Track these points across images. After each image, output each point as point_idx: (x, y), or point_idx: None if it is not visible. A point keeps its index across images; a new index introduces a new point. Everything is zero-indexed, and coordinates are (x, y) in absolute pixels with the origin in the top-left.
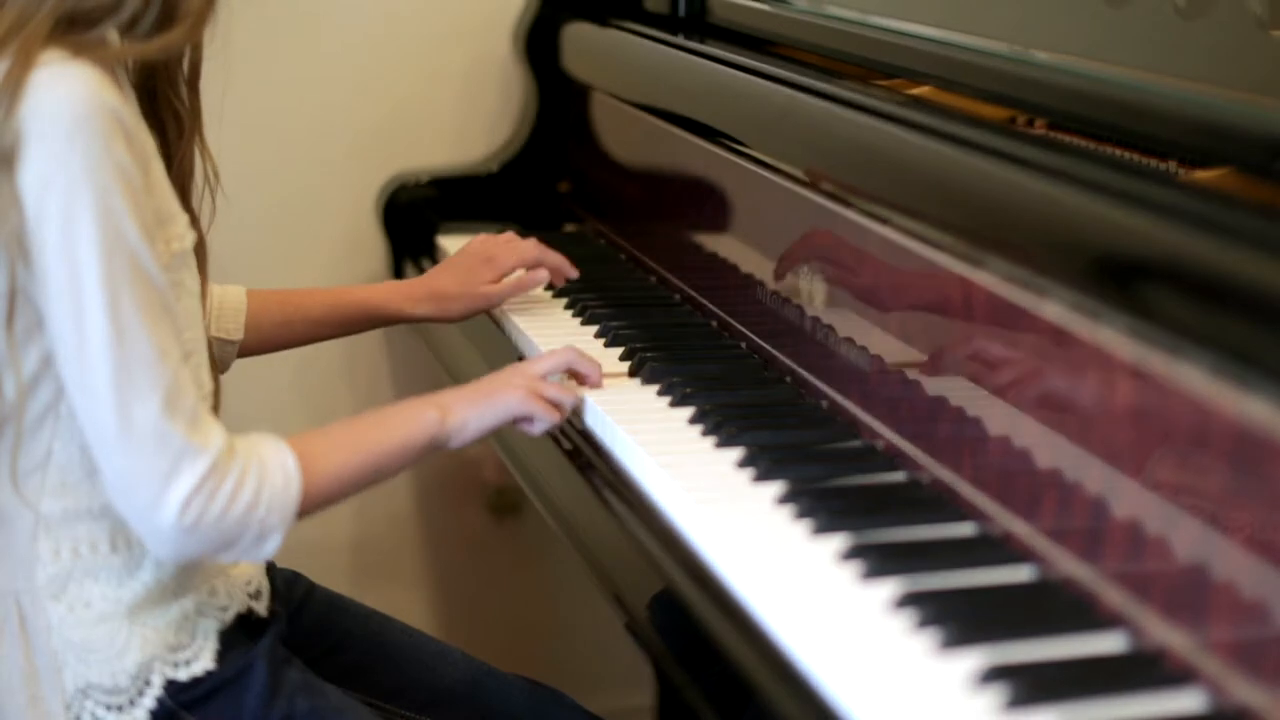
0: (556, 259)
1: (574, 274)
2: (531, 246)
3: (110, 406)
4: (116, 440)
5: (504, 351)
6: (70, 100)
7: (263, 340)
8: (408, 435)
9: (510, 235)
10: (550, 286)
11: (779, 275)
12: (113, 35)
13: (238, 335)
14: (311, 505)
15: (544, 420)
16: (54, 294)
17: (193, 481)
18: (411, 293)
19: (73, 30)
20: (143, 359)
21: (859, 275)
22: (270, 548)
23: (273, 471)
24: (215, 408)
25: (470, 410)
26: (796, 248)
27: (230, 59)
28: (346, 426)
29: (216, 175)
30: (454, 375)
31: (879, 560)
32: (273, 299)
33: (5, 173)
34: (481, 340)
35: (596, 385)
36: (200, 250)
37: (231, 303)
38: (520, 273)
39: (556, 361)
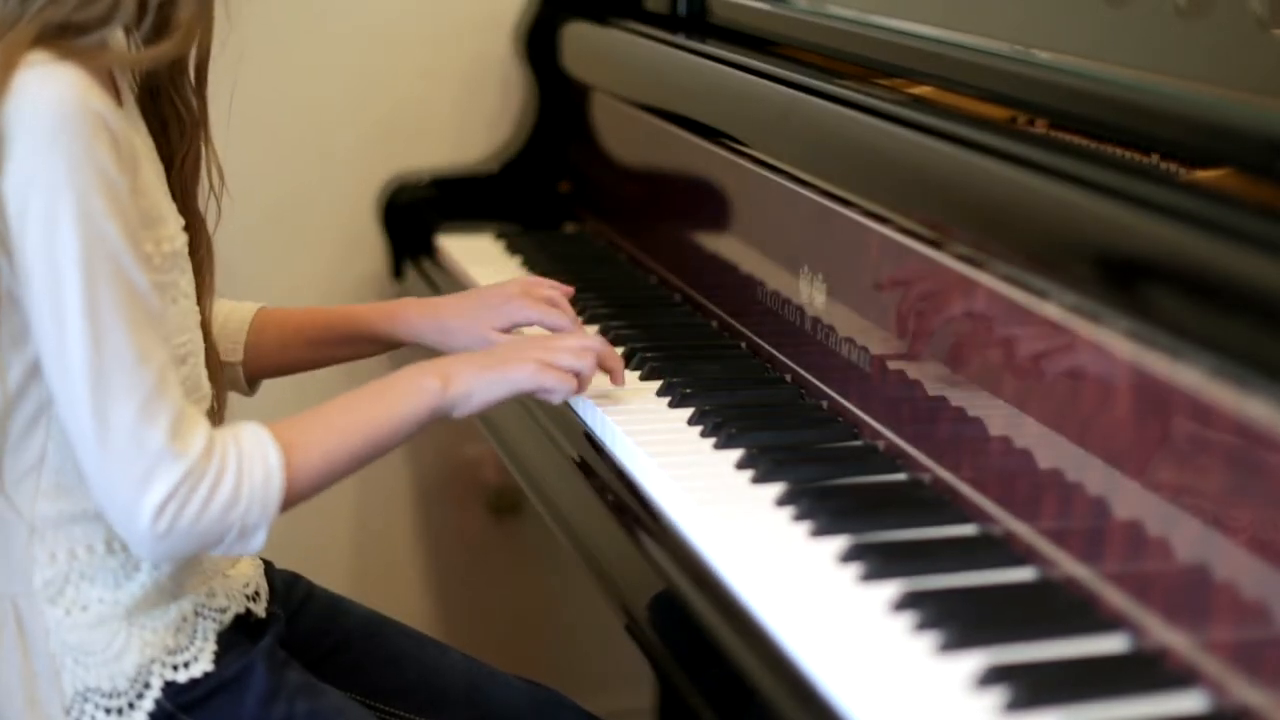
0: (574, 318)
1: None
2: (552, 303)
3: (88, 409)
4: (94, 442)
5: None
6: (54, 101)
7: (264, 363)
8: (406, 409)
9: (544, 288)
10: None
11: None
12: (103, 41)
13: (234, 356)
14: (300, 493)
15: (560, 390)
16: (35, 295)
17: (167, 488)
18: (413, 317)
19: (62, 37)
20: (121, 362)
21: (859, 275)
22: (256, 543)
23: (252, 468)
24: (221, 409)
25: (476, 380)
26: (797, 245)
27: (235, 60)
28: (341, 404)
29: (222, 177)
30: None
31: (879, 561)
32: (273, 318)
33: None
34: None
35: (619, 383)
36: (208, 253)
37: (235, 322)
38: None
39: (580, 344)
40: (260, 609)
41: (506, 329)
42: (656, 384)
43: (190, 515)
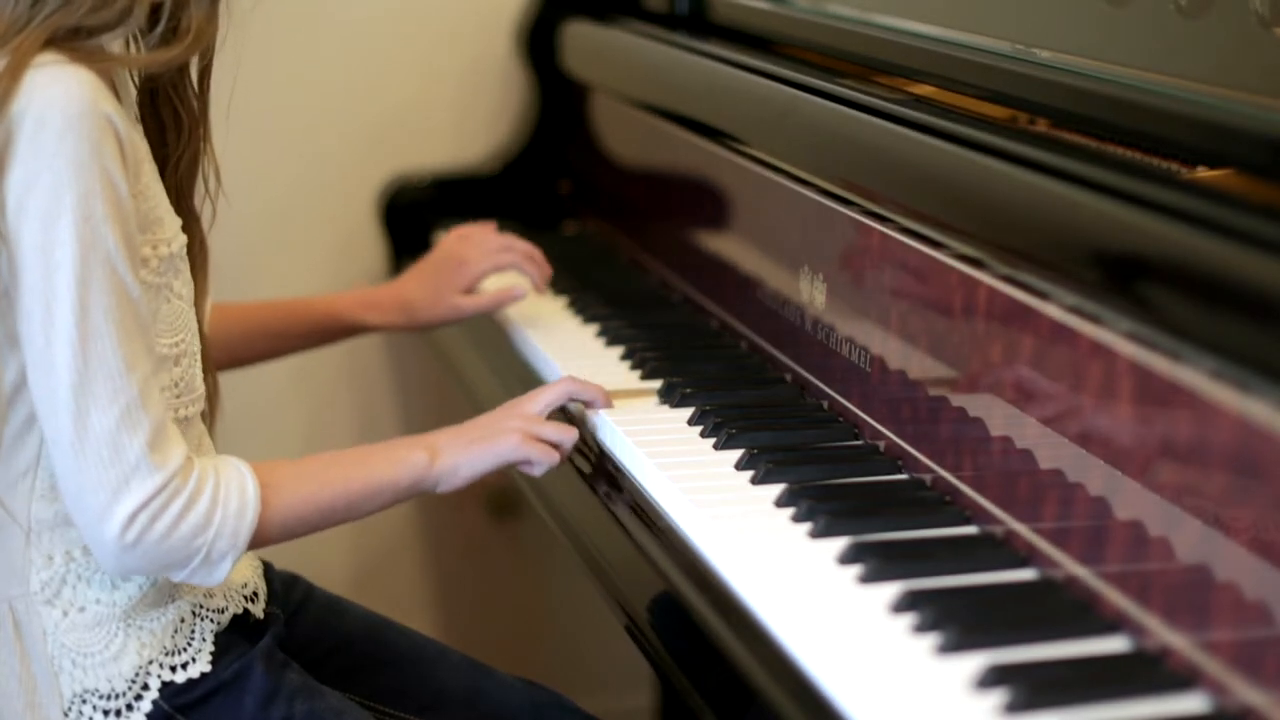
0: (525, 249)
1: (548, 270)
2: (503, 248)
3: (69, 411)
4: (71, 446)
5: (505, 352)
6: (64, 101)
7: (232, 356)
8: (389, 475)
9: (484, 233)
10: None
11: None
12: (112, 44)
13: None
14: (271, 535)
15: (542, 463)
16: (26, 293)
17: (140, 498)
18: (378, 302)
19: (73, 38)
20: (107, 367)
21: (860, 274)
22: (221, 573)
23: (229, 497)
24: (212, 410)
25: (462, 455)
26: (796, 241)
27: (233, 60)
28: (326, 459)
29: (218, 178)
30: (455, 375)
31: (880, 562)
32: (234, 313)
33: None
34: (482, 340)
35: (606, 406)
36: (201, 253)
37: None
38: (498, 286)
39: (555, 396)
40: (259, 610)
41: (469, 288)
42: (656, 384)
43: (160, 530)
